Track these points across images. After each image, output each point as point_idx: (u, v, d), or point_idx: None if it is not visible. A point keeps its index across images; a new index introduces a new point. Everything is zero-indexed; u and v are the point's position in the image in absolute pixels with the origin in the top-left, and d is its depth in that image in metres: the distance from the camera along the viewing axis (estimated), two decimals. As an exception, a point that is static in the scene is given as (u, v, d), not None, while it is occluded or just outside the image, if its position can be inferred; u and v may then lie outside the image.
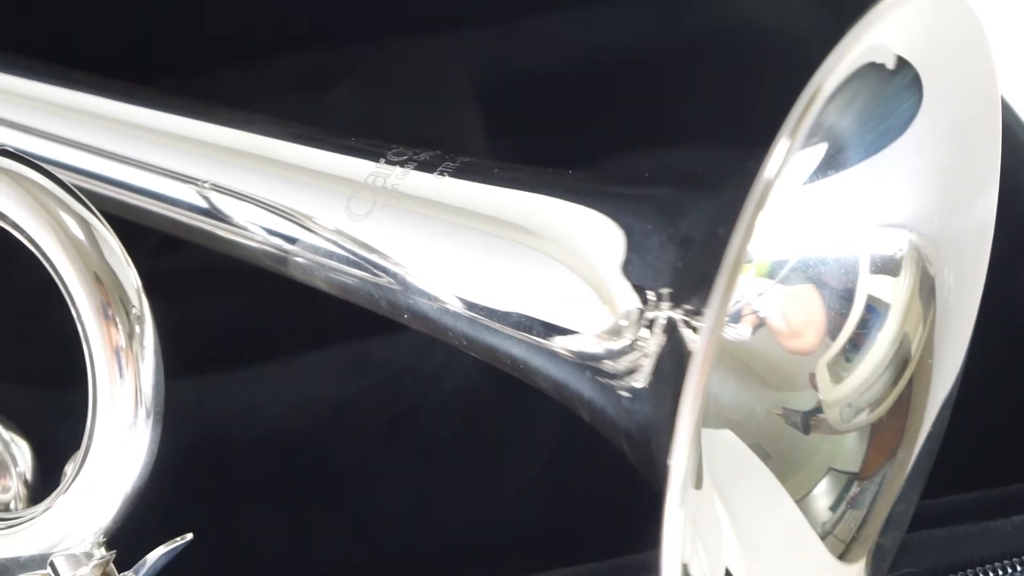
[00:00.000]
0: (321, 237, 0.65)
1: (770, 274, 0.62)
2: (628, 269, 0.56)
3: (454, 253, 0.61)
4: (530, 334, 0.59)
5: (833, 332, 0.64)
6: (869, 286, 0.64)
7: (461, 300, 0.61)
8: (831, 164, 0.60)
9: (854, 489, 0.64)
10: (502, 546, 0.84)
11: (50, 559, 0.62)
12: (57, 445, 0.65)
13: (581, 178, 0.61)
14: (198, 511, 0.81)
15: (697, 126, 1.03)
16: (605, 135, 1.03)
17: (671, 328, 0.53)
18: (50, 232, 0.61)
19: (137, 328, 0.60)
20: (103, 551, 0.62)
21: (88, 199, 0.62)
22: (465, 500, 0.86)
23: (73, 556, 0.62)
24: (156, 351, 0.61)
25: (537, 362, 0.60)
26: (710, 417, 0.62)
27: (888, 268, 0.64)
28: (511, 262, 0.60)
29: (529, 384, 0.62)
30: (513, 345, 0.60)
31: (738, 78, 1.05)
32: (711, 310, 0.46)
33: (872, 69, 0.55)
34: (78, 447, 0.61)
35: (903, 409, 0.65)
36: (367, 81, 1.08)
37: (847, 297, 0.64)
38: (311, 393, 0.90)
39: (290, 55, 1.09)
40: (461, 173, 0.63)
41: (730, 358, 0.63)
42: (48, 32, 1.05)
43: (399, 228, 0.63)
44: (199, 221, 0.70)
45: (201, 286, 0.94)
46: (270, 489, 0.87)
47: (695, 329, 0.52)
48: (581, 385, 0.58)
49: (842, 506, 0.64)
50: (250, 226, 0.68)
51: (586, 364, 0.57)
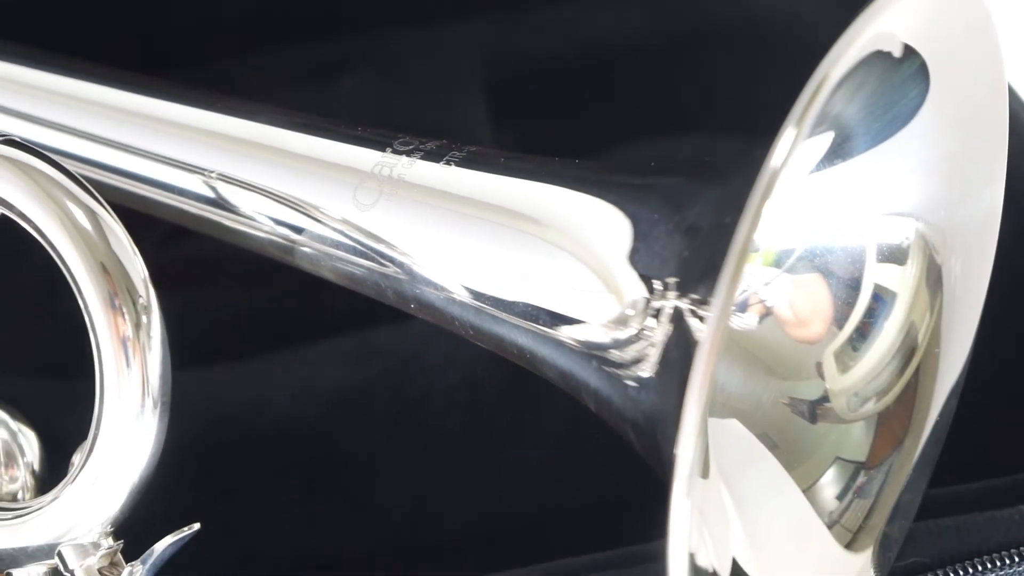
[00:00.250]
0: (328, 227, 0.65)
1: (777, 263, 0.62)
2: (635, 258, 0.56)
3: (460, 242, 0.61)
4: (536, 323, 0.59)
5: (840, 321, 0.63)
6: (876, 275, 0.64)
7: (467, 289, 0.61)
8: (837, 153, 0.60)
9: (861, 478, 0.64)
10: (508, 535, 0.84)
11: (58, 549, 0.62)
12: (64, 435, 0.65)
13: (588, 167, 0.61)
14: (205, 501, 0.81)
15: (704, 115, 1.03)
16: (611, 124, 1.03)
17: (678, 317, 0.53)
18: (57, 222, 0.61)
19: (144, 318, 0.60)
20: (110, 541, 0.62)
21: (95, 189, 0.62)
22: (471, 489, 0.86)
23: (81, 546, 0.62)
24: (163, 341, 0.61)
25: (543, 351, 0.60)
26: (717, 406, 0.62)
27: (895, 257, 0.64)
28: (517, 251, 0.60)
29: (535, 373, 0.62)
30: (519, 334, 0.60)
31: (745, 67, 1.05)
32: (718, 299, 0.46)
33: (879, 57, 0.55)
34: (85, 437, 0.61)
35: (910, 398, 0.65)
36: (374, 71, 1.08)
37: (854, 286, 0.64)
38: (318, 383, 0.90)
39: (297, 44, 1.09)
40: (467, 162, 0.63)
41: (737, 347, 0.63)
42: (53, 20, 1.05)
43: (405, 217, 0.63)
44: (206, 211, 0.70)
45: (208, 276, 0.94)
46: (277, 478, 0.87)
47: (702, 318, 0.52)
48: (587, 374, 0.58)
49: (849, 495, 0.64)
50: (257, 216, 0.68)
51: (592, 353, 0.57)
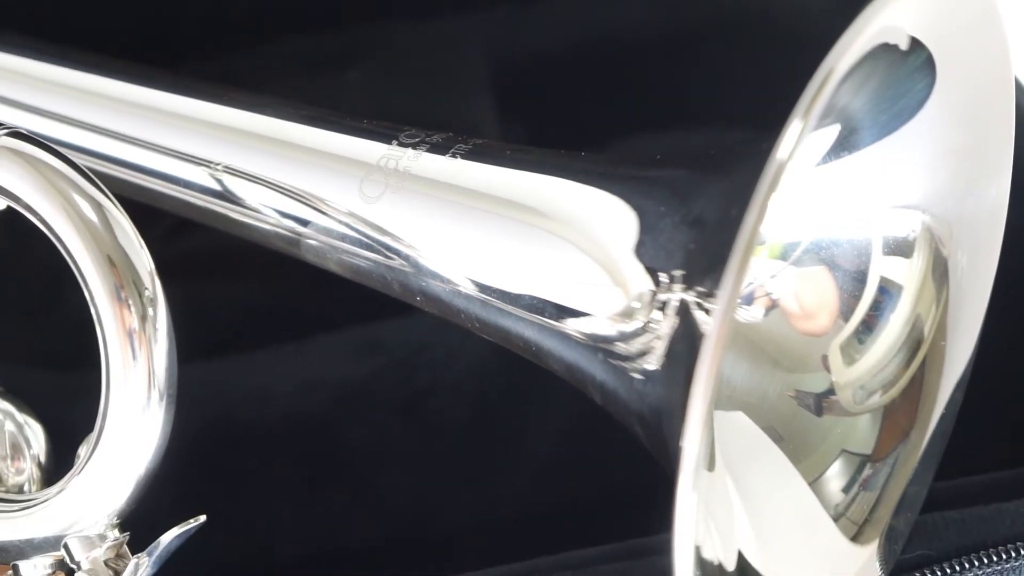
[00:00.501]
0: (333, 219, 0.65)
1: (783, 256, 0.62)
2: (641, 251, 0.56)
3: (466, 235, 0.61)
4: (542, 316, 0.59)
5: (846, 314, 0.63)
6: (882, 268, 0.63)
7: (473, 282, 0.61)
8: (844, 145, 0.60)
9: (867, 471, 0.64)
10: (514, 527, 0.84)
11: (64, 540, 0.62)
12: (71, 427, 0.65)
13: (594, 160, 0.61)
14: (211, 493, 0.82)
15: (710, 108, 1.03)
16: (617, 117, 1.02)
17: (684, 310, 0.53)
18: (64, 214, 0.61)
19: (150, 310, 0.60)
20: (116, 533, 0.62)
21: (101, 181, 0.62)
22: (477, 482, 0.87)
23: (87, 538, 0.62)
24: (169, 333, 0.61)
25: (549, 344, 0.60)
26: (723, 399, 0.62)
27: (901, 250, 0.63)
28: (523, 244, 0.60)
29: (541, 366, 0.62)
30: (525, 327, 0.60)
31: (751, 60, 1.04)
32: (724, 292, 0.46)
33: (885, 50, 0.55)
34: (91, 429, 0.62)
35: (916, 391, 0.65)
36: (380, 64, 1.08)
37: (860, 279, 0.63)
38: (323, 375, 0.90)
39: (304, 37, 1.09)
40: (473, 155, 0.63)
41: (743, 340, 0.63)
42: (62, 13, 1.05)
43: (411, 210, 0.63)
44: (212, 203, 0.70)
45: (214, 268, 0.94)
46: (283, 471, 0.87)
47: (708, 311, 0.52)
48: (593, 367, 0.58)
49: (855, 488, 0.64)
50: (263, 208, 0.68)
51: (598, 346, 0.57)
